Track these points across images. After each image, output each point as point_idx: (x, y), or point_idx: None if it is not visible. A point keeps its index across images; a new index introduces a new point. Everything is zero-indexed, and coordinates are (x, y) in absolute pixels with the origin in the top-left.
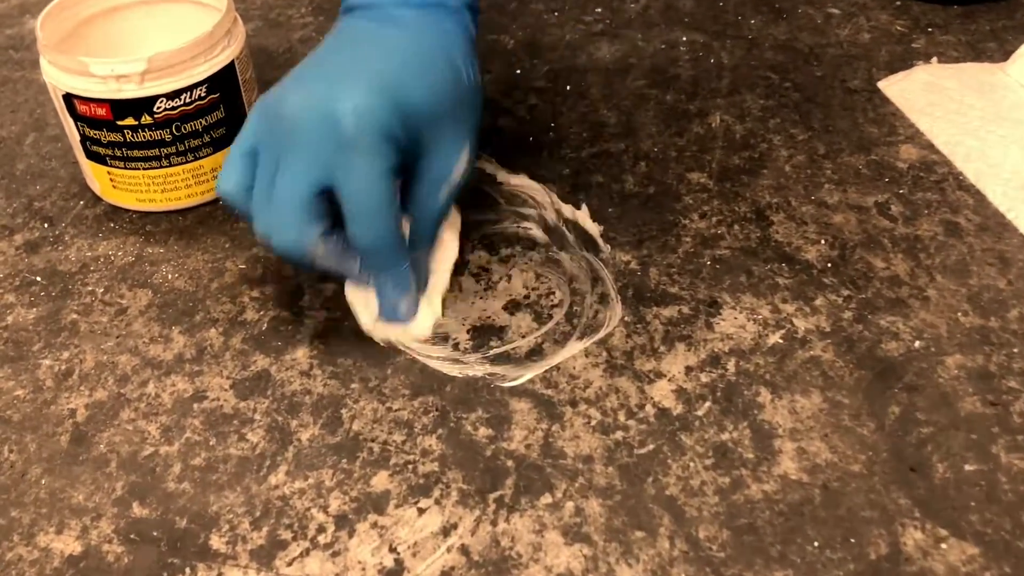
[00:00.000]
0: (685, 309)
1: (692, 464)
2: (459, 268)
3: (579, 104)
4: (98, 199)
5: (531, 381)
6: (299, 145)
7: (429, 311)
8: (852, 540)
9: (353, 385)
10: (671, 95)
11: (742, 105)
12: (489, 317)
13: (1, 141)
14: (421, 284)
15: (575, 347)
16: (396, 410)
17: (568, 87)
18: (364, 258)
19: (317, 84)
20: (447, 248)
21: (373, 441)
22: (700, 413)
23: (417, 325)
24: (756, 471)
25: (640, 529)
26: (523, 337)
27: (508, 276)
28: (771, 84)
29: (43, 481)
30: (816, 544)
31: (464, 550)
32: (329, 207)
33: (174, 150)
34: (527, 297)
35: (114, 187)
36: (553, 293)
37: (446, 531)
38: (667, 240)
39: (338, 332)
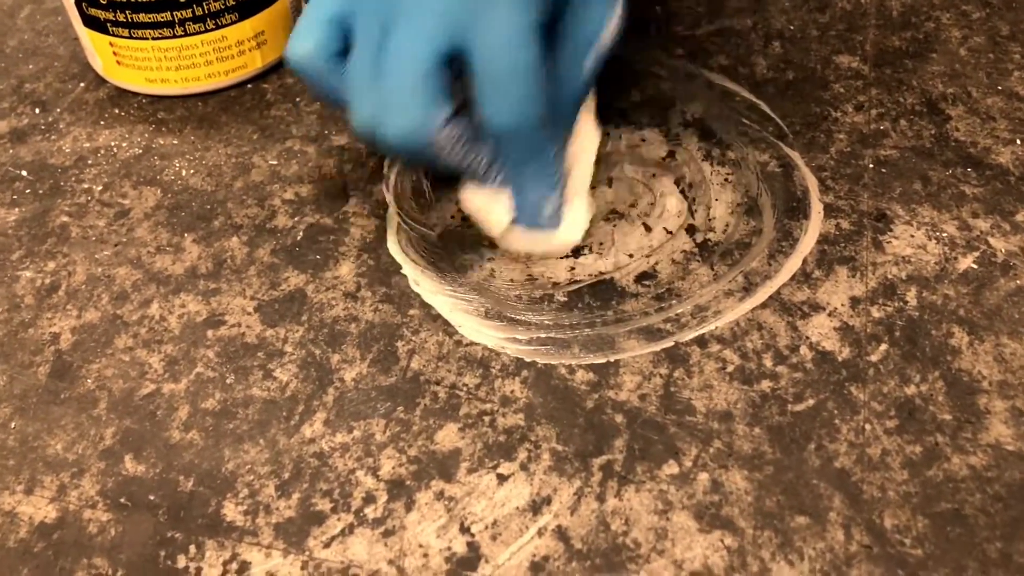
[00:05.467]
0: (845, 224)
1: (869, 427)
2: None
3: None
4: (101, 81)
5: (643, 313)
6: None
7: (579, 211)
8: None
9: (412, 311)
10: None
11: None
12: (589, 234)
13: None
14: (564, 178)
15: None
16: (467, 344)
17: None
18: (501, 145)
19: None
20: (586, 135)
21: (438, 384)
22: (875, 359)
23: (568, 229)
24: (957, 438)
25: (802, 513)
26: (645, 256)
27: (609, 179)
28: None
29: (12, 424)
30: None
31: (561, 534)
32: (450, 86)
33: (189, 15)
34: (633, 205)
35: (118, 63)
36: (663, 199)
37: (536, 507)
38: (815, 136)
39: (393, 244)
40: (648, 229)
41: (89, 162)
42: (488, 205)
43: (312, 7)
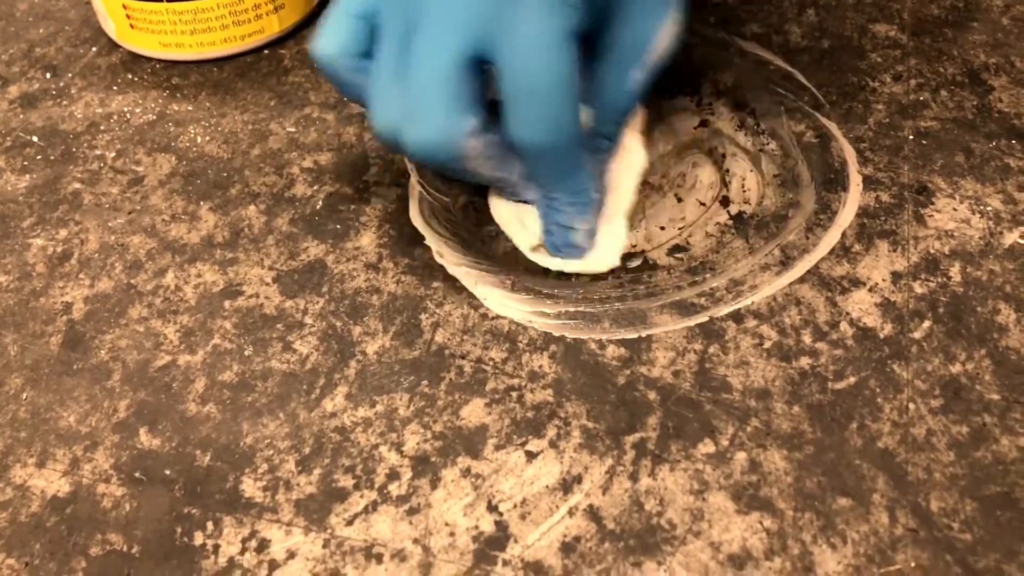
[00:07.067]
0: (885, 196)
1: (913, 406)
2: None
3: None
4: (114, 46)
5: (676, 287)
6: None
7: (612, 238)
8: None
9: (435, 283)
10: None
11: None
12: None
13: None
14: (600, 202)
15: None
16: (493, 318)
17: None
18: (530, 161)
19: None
20: (631, 154)
21: (463, 358)
22: (918, 336)
23: (599, 257)
24: (1005, 418)
25: (845, 495)
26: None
27: None
28: None
29: (24, 396)
30: None
31: (593, 514)
32: (483, 93)
33: None
34: (664, 176)
35: (132, 27)
36: (696, 171)
37: (567, 485)
38: (852, 107)
39: (415, 214)
40: (680, 200)
41: (101, 128)
42: (518, 220)
43: (341, 2)
